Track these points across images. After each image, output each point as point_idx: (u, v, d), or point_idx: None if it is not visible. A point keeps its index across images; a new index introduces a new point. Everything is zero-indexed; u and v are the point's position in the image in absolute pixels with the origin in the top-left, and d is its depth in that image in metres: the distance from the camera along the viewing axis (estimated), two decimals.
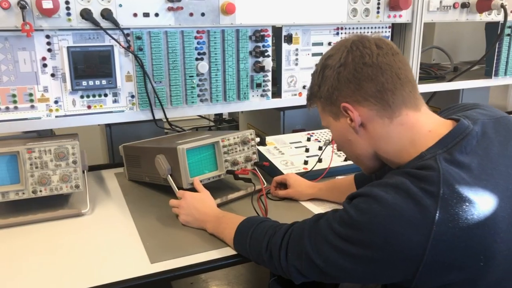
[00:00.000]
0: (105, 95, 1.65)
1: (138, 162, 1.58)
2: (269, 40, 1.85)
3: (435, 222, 0.81)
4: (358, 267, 0.87)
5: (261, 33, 1.81)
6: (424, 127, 0.95)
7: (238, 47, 1.80)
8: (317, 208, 1.42)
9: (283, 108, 2.14)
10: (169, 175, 1.40)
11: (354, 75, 0.93)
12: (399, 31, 2.17)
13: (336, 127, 1.02)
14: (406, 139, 0.95)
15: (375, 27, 2.06)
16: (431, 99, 2.44)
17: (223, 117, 3.21)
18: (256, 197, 1.42)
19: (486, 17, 2.25)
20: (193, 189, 1.36)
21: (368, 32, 2.06)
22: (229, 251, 1.17)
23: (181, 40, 1.70)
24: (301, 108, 2.14)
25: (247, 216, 1.19)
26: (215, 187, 1.49)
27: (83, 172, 1.41)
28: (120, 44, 1.61)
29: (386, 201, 0.85)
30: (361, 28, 2.04)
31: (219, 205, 1.38)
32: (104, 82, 1.61)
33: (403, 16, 2.07)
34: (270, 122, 2.30)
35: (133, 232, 1.29)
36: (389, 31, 2.10)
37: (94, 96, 1.64)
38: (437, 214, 0.81)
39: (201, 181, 1.39)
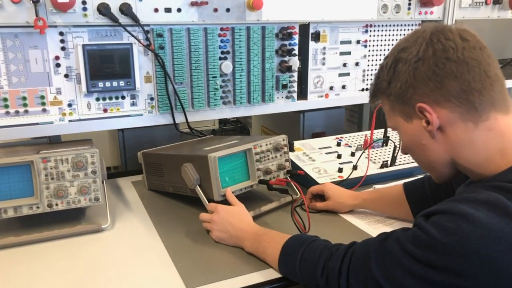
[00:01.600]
0: (123, 97, 1.52)
1: (160, 170, 1.45)
2: (296, 38, 1.73)
3: None
4: None
5: (288, 30, 1.69)
6: None
7: (263, 46, 1.67)
8: (360, 222, 1.30)
9: (303, 110, 2.01)
10: (197, 186, 1.27)
11: (435, 71, 0.82)
12: None
13: (407, 130, 0.91)
14: (494, 147, 0.83)
15: (405, 24, 1.95)
16: None
17: (227, 117, 3.09)
18: (292, 209, 1.31)
19: None
20: (224, 202, 1.24)
21: (398, 30, 1.94)
22: (273, 274, 1.04)
23: (204, 38, 1.58)
24: (322, 110, 2.01)
25: (292, 235, 1.06)
26: (245, 198, 1.36)
27: (103, 182, 1.28)
28: (139, 42, 1.48)
29: (479, 219, 0.72)
30: (391, 25, 1.92)
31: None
32: (122, 83, 1.48)
33: (434, 13, 1.96)
34: (288, 125, 2.17)
35: (161, 250, 1.16)
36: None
37: (110, 98, 1.51)
38: None
39: (232, 192, 1.26)
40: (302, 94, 1.86)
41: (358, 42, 1.87)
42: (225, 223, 1.17)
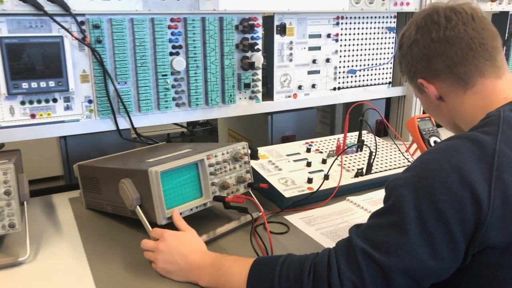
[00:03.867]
0: (54, 100, 1.29)
1: (97, 186, 1.22)
2: (260, 31, 1.53)
3: (496, 152, 0.77)
4: (422, 229, 0.76)
5: (250, 22, 1.49)
6: (500, 94, 0.91)
7: (222, 39, 1.46)
8: (328, 241, 1.11)
9: (271, 112, 1.81)
10: (138, 207, 1.05)
11: (423, 52, 0.95)
12: (404, 21, 1.88)
13: (422, 100, 1.06)
14: (479, 107, 0.92)
15: (380, 16, 1.77)
16: None
17: (181, 121, 2.86)
18: (252, 230, 1.11)
19: (497, 6, 2.02)
20: (171, 225, 1.03)
21: (372, 23, 1.76)
22: None
23: (151, 30, 1.36)
24: (292, 111, 1.82)
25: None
26: (197, 217, 1.15)
27: (22, 204, 1.05)
28: (72, 35, 1.25)
29: (434, 149, 0.84)
30: (364, 17, 1.74)
31: (205, 244, 1.04)
32: (52, 83, 1.25)
33: (411, 4, 1.80)
34: (256, 128, 1.97)
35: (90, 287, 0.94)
36: (394, 21, 1.81)
37: (39, 102, 1.27)
38: (497, 146, 0.78)
39: (180, 213, 1.05)
40: (268, 94, 1.66)
41: (328, 36, 1.69)
42: (173, 253, 0.96)
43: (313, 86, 1.70)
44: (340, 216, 1.26)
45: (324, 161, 1.47)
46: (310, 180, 1.35)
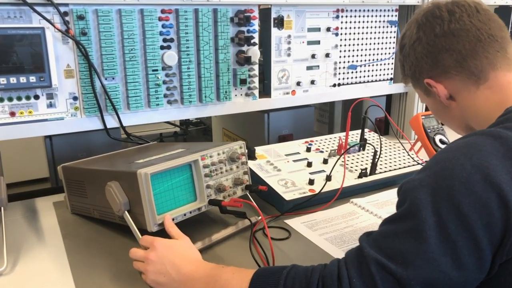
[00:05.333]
0: (36, 97, 1.20)
1: (82, 190, 1.13)
2: (256, 24, 1.45)
3: None
4: (442, 236, 0.67)
5: (246, 14, 1.40)
6: None
7: (216, 32, 1.38)
8: (333, 248, 1.03)
9: (268, 110, 1.73)
10: (126, 212, 0.96)
11: (428, 49, 0.89)
12: (405, 14, 1.81)
13: (429, 104, 0.98)
14: (494, 103, 0.85)
15: (382, 10, 1.70)
16: None
17: (189, 119, 2.77)
18: (251, 235, 1.02)
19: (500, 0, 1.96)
20: (162, 232, 0.94)
21: (373, 16, 1.69)
22: None
23: (140, 22, 1.27)
24: (289, 109, 1.73)
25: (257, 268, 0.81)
26: (191, 223, 1.06)
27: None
28: (54, 26, 1.16)
29: (451, 147, 0.75)
30: (366, 10, 1.66)
31: (200, 252, 0.95)
32: (33, 79, 1.16)
33: None
34: (252, 127, 1.89)
35: None
36: (395, 15, 1.74)
37: (19, 98, 1.18)
38: None
39: (173, 219, 0.96)
40: (265, 91, 1.58)
41: (328, 29, 1.60)
42: (165, 263, 0.87)
43: (312, 82, 1.62)
44: (344, 220, 1.18)
45: (325, 161, 1.39)
46: (311, 182, 1.27)
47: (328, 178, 1.28)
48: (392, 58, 1.80)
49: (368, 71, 1.75)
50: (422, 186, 0.70)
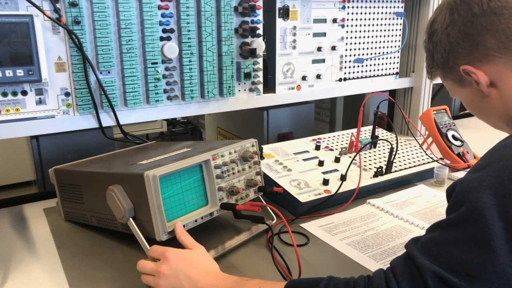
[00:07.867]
0: (24, 92, 1.08)
1: (78, 195, 1.02)
2: (260, 14, 1.35)
3: None
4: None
5: (250, 3, 1.31)
6: None
7: (219, 22, 1.28)
8: (358, 254, 0.94)
9: (266, 107, 1.64)
10: (131, 219, 0.86)
11: (465, 31, 0.80)
12: (411, 6, 1.74)
13: (463, 95, 0.87)
14: None
15: (388, 1, 1.62)
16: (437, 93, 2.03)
17: (176, 118, 2.67)
18: (268, 241, 0.93)
19: None
20: (171, 240, 0.84)
21: (380, 7, 1.61)
22: None
23: (138, 11, 1.16)
24: (288, 106, 1.64)
25: (288, 280, 0.73)
26: (200, 229, 0.96)
27: None
28: (44, 14, 1.04)
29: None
30: (372, 1, 1.58)
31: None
32: (20, 72, 1.05)
33: None
34: (249, 125, 1.80)
35: None
36: (402, 6, 1.67)
37: (5, 94, 1.06)
38: None
39: (184, 226, 0.86)
40: (269, 86, 1.49)
41: (334, 20, 1.52)
42: (180, 277, 0.77)
43: (318, 76, 1.54)
44: (364, 222, 1.10)
45: (337, 160, 1.31)
46: (326, 182, 1.18)
47: (343, 177, 1.19)
48: (398, 52, 1.72)
49: (374, 65, 1.68)
50: (484, 186, 0.61)
